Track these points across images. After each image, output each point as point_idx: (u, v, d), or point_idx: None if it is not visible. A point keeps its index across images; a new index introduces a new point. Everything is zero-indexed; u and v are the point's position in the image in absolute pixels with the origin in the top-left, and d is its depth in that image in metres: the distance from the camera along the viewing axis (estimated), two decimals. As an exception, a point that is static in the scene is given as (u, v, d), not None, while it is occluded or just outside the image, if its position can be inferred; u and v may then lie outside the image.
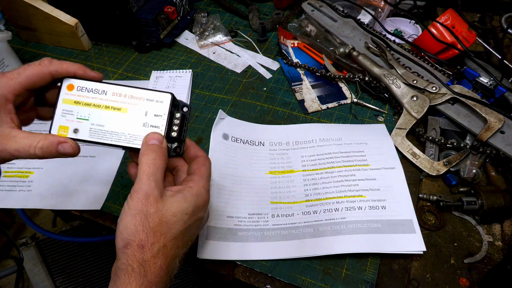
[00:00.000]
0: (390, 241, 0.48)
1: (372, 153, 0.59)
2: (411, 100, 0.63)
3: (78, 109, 0.37)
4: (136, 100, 0.38)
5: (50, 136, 0.36)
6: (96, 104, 0.37)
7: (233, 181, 0.56)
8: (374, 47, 0.72)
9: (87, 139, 0.37)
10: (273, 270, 0.48)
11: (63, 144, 0.36)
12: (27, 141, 0.34)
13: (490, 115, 0.57)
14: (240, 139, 0.61)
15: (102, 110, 0.37)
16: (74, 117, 0.37)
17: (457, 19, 0.70)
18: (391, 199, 0.53)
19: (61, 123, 0.37)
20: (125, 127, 0.37)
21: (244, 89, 0.73)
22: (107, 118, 0.37)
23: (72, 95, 0.38)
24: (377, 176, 0.56)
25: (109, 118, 0.37)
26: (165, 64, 0.80)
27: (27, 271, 1.00)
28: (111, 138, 0.37)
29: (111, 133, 0.37)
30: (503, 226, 0.51)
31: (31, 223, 0.95)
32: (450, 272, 0.47)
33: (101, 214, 0.56)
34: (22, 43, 0.88)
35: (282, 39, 0.80)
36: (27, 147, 0.34)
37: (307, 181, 0.56)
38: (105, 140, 0.37)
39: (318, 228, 0.50)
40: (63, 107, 0.37)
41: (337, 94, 0.70)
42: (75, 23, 0.79)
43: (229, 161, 0.58)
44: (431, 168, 0.56)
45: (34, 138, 0.35)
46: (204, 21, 0.84)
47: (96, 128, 0.37)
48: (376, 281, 0.46)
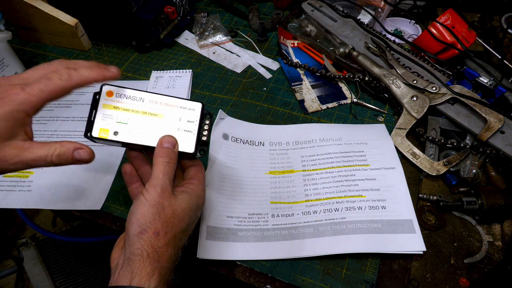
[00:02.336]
0: (390, 241, 0.48)
1: (372, 153, 0.59)
2: (411, 100, 0.63)
3: (117, 113, 0.40)
4: (171, 107, 0.42)
5: (66, 143, 0.37)
6: (135, 109, 0.41)
7: (233, 181, 0.56)
8: (374, 47, 0.72)
9: (127, 142, 0.40)
10: (273, 270, 0.48)
11: (79, 150, 0.37)
12: (44, 151, 0.36)
13: (490, 115, 0.57)
14: (240, 139, 0.61)
15: (140, 115, 0.41)
16: (113, 120, 0.40)
17: (457, 19, 0.70)
18: (391, 199, 0.53)
19: (102, 125, 0.40)
20: (161, 131, 0.41)
21: (244, 89, 0.73)
22: (145, 123, 0.41)
23: (112, 101, 0.41)
24: (377, 176, 0.56)
25: (147, 122, 0.41)
26: (165, 64, 0.80)
27: (27, 271, 1.00)
28: (149, 140, 0.40)
29: (149, 136, 0.40)
30: (503, 226, 0.51)
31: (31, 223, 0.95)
32: (450, 272, 0.47)
33: (101, 214, 0.56)
34: (22, 43, 0.88)
35: (282, 39, 0.80)
36: (44, 156, 0.35)
37: (307, 181, 0.56)
38: (144, 142, 0.40)
39: (318, 228, 0.50)
40: (103, 112, 0.40)
41: (337, 94, 0.70)
42: (75, 23, 0.79)
43: (229, 161, 0.58)
44: (431, 168, 0.56)
45: (50, 147, 0.36)
46: (204, 21, 0.84)
47: (135, 131, 0.40)
48: (376, 281, 0.46)
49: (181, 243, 0.40)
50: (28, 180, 0.59)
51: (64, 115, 0.70)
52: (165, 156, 0.40)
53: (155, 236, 0.37)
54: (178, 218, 0.39)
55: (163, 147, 0.40)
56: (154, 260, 0.36)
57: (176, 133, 0.41)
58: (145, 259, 0.35)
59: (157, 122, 0.41)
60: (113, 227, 0.54)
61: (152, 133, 0.41)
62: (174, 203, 0.39)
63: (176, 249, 0.39)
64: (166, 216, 0.38)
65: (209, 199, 0.52)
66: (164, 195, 0.38)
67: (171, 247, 0.38)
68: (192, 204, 0.41)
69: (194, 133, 0.42)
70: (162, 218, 0.38)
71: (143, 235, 0.36)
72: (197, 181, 0.44)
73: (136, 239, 0.36)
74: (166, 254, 0.37)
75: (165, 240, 0.37)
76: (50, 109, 0.71)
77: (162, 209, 0.38)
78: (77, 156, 0.37)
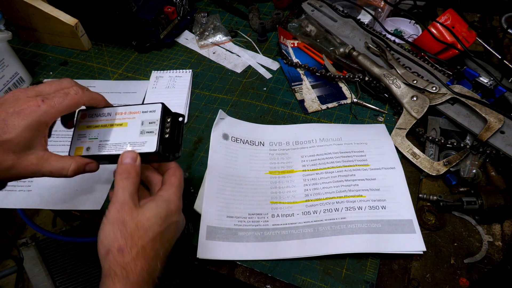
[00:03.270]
0: (390, 241, 0.48)
1: (372, 153, 0.59)
2: (411, 100, 0.63)
3: (89, 132, 0.44)
4: (134, 114, 0.44)
5: (78, 159, 0.42)
6: (103, 124, 0.44)
7: (233, 181, 0.56)
8: (374, 47, 0.72)
9: (96, 154, 0.43)
10: (273, 270, 0.48)
11: (90, 165, 0.42)
12: (60, 164, 0.39)
13: (490, 115, 0.57)
14: (240, 139, 0.61)
15: (107, 128, 0.44)
16: (86, 138, 0.44)
17: (457, 19, 0.70)
18: (391, 199, 0.53)
19: (77, 145, 0.44)
20: (126, 138, 0.43)
21: (244, 89, 0.73)
22: (111, 134, 0.43)
23: (85, 122, 0.45)
24: (377, 176, 0.56)
25: (113, 133, 0.43)
26: (165, 64, 0.80)
27: (27, 271, 1.00)
28: (114, 148, 0.43)
29: (115, 145, 0.43)
30: (503, 226, 0.51)
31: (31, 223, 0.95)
32: (450, 272, 0.47)
33: (101, 214, 0.55)
34: (22, 43, 0.88)
35: (282, 39, 0.80)
36: (60, 170, 0.39)
37: (307, 181, 0.56)
38: (110, 151, 0.43)
39: (318, 228, 0.50)
40: (78, 132, 0.45)
41: (337, 94, 0.70)
42: (75, 23, 0.79)
43: (229, 161, 0.58)
44: (431, 168, 0.56)
45: (66, 162, 0.40)
46: (204, 21, 0.84)
47: (103, 143, 0.43)
48: (376, 281, 0.46)
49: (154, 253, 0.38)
50: (28, 180, 0.59)
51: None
52: (122, 172, 0.39)
53: (119, 253, 0.36)
54: (143, 229, 0.37)
55: (122, 164, 0.40)
56: (123, 277, 0.35)
57: (140, 137, 0.42)
58: (113, 278, 0.35)
59: (122, 131, 0.43)
60: (113, 227, 0.54)
61: (118, 141, 0.43)
62: (137, 215, 0.38)
63: (148, 261, 0.37)
64: (128, 230, 0.37)
65: (209, 199, 0.52)
66: (124, 210, 0.37)
67: (141, 260, 0.36)
68: (159, 210, 0.39)
69: (156, 132, 0.42)
70: (124, 233, 0.36)
71: (108, 255, 0.36)
72: (167, 186, 0.42)
73: (104, 261, 0.36)
74: (136, 269, 0.36)
75: (132, 255, 0.36)
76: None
77: (123, 225, 0.37)
78: (88, 169, 0.42)
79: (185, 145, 0.63)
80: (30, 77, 0.78)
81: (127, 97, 0.72)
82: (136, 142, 0.42)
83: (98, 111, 0.45)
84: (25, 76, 0.76)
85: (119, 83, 0.76)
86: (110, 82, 0.76)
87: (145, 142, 0.42)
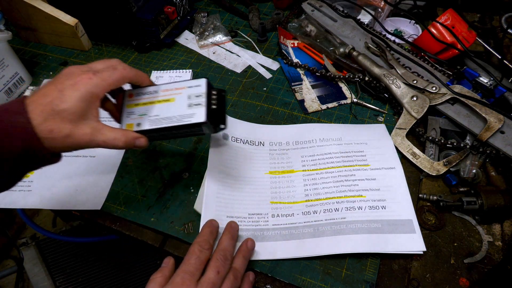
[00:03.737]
0: (390, 241, 0.48)
1: (372, 153, 0.59)
2: (411, 100, 0.63)
3: (138, 109, 0.47)
4: (180, 89, 0.46)
5: (129, 132, 0.43)
6: (150, 101, 0.47)
7: (233, 181, 0.56)
8: (374, 47, 0.72)
9: (148, 128, 0.45)
10: (273, 270, 0.48)
11: (140, 139, 0.44)
12: (113, 135, 0.41)
13: (490, 115, 0.57)
14: (240, 139, 0.61)
15: (155, 104, 0.46)
16: (136, 115, 0.46)
17: (457, 19, 0.70)
18: (391, 199, 0.53)
19: (127, 122, 0.46)
20: (175, 111, 0.45)
21: (244, 89, 0.73)
22: (160, 109, 0.46)
23: (133, 100, 0.47)
24: (377, 176, 0.56)
25: (162, 108, 0.46)
26: (165, 64, 0.80)
27: (27, 271, 1.00)
28: (166, 122, 0.45)
29: (165, 118, 0.45)
30: (503, 226, 0.51)
31: (31, 223, 0.95)
32: (450, 272, 0.47)
33: (101, 214, 0.56)
34: (22, 43, 0.88)
35: (282, 39, 0.80)
36: (112, 140, 0.41)
37: (307, 181, 0.56)
38: (161, 125, 0.45)
39: (318, 228, 0.50)
40: (127, 110, 0.47)
41: (337, 94, 0.70)
42: (75, 23, 0.79)
43: (229, 161, 0.58)
44: (431, 168, 0.56)
45: (117, 133, 0.42)
46: (204, 21, 0.84)
47: (153, 118, 0.45)
48: (376, 281, 0.46)
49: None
50: (28, 180, 0.59)
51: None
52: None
53: None
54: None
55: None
56: None
57: (188, 110, 0.45)
58: None
59: (170, 105, 0.46)
60: (113, 227, 0.54)
61: (168, 115, 0.45)
62: None
63: None
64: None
65: (209, 199, 0.52)
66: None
67: None
68: None
69: (203, 104, 0.44)
70: None
71: None
72: None
73: None
74: None
75: None
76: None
77: None
78: (138, 143, 0.43)
79: (185, 145, 0.63)
80: (30, 77, 0.78)
81: (127, 97, 0.72)
82: (185, 114, 0.44)
83: (143, 89, 0.47)
84: (25, 76, 0.76)
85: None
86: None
87: (193, 114, 0.44)
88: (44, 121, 0.37)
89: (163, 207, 0.55)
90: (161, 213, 0.54)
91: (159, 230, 0.53)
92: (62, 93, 0.38)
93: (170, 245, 0.52)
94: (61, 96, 0.38)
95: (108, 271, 1.07)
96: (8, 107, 0.38)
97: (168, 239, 0.53)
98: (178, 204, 0.55)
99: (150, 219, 0.54)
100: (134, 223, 0.54)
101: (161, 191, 0.57)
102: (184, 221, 0.53)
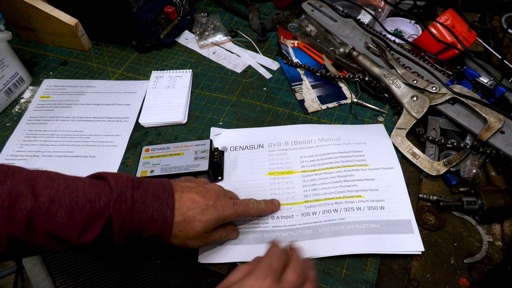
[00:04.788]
0: (388, 242, 0.48)
1: (371, 153, 0.59)
2: (411, 100, 0.63)
3: (152, 160, 0.57)
4: (189, 147, 0.57)
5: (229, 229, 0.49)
6: (163, 154, 0.57)
7: (233, 183, 0.56)
8: (374, 47, 0.72)
9: (160, 174, 0.54)
10: (273, 270, 0.48)
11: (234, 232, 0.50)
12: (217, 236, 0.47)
13: (490, 115, 0.57)
14: (239, 147, 0.61)
15: (167, 157, 0.57)
16: (150, 164, 0.56)
17: (457, 19, 0.70)
18: (389, 200, 0.53)
19: (142, 169, 0.56)
20: (183, 162, 0.55)
21: (244, 89, 0.73)
22: (171, 160, 0.56)
23: (148, 153, 0.58)
24: (375, 176, 0.55)
25: (173, 160, 0.56)
26: (165, 64, 0.80)
27: (27, 271, 1.00)
28: (175, 170, 0.55)
29: (175, 167, 0.55)
30: (503, 226, 0.51)
31: (31, 223, 0.94)
32: (450, 272, 0.47)
33: (101, 214, 0.55)
34: (22, 43, 0.88)
35: (282, 39, 0.80)
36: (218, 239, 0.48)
37: (306, 182, 0.56)
38: (171, 172, 0.54)
39: (317, 229, 0.50)
40: (143, 161, 0.57)
41: (337, 94, 0.70)
42: (75, 23, 0.79)
43: (229, 167, 0.58)
44: (431, 168, 0.56)
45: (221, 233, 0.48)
46: (204, 21, 0.84)
47: (165, 167, 0.55)
48: (376, 281, 0.46)
49: None
50: (28, 180, 0.58)
51: (64, 115, 0.70)
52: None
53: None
54: None
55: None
56: None
57: (194, 161, 0.55)
58: None
59: (179, 158, 0.56)
60: (113, 227, 0.54)
61: (178, 165, 0.55)
62: None
63: None
64: None
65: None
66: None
67: None
68: None
69: (207, 157, 0.55)
70: None
71: None
72: None
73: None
74: None
75: None
76: (50, 109, 0.71)
77: None
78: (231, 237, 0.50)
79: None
80: (30, 77, 0.78)
81: (127, 97, 0.72)
82: (191, 164, 0.55)
83: (158, 146, 0.58)
84: (25, 76, 0.76)
85: (119, 83, 0.76)
86: (110, 82, 0.76)
87: (198, 164, 0.55)
88: (181, 222, 0.42)
89: (163, 207, 0.55)
90: (161, 213, 0.54)
91: (159, 230, 0.53)
92: (206, 210, 0.44)
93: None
94: (205, 211, 0.43)
95: (108, 271, 1.07)
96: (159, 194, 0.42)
97: (168, 239, 0.53)
98: (178, 204, 0.55)
99: (150, 219, 0.54)
100: (134, 223, 0.54)
101: (161, 191, 0.57)
102: (184, 221, 0.53)
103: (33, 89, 0.77)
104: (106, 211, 0.38)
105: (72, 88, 0.75)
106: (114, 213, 0.38)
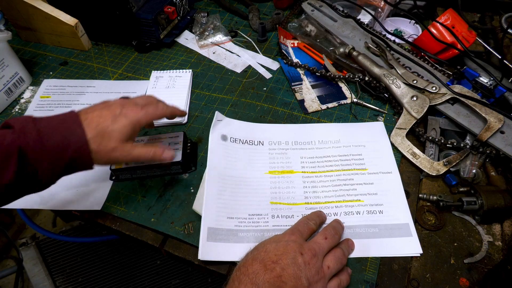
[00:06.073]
0: (387, 245, 0.49)
1: (370, 156, 0.59)
2: (411, 100, 0.63)
3: None
4: (163, 139, 0.59)
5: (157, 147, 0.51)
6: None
7: (233, 182, 0.56)
8: (374, 47, 0.72)
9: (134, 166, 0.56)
10: (273, 270, 0.48)
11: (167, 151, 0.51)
12: (144, 150, 0.49)
13: (490, 115, 0.57)
14: (239, 139, 0.61)
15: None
16: None
17: (457, 19, 0.70)
18: (388, 204, 0.53)
19: None
20: None
21: (244, 89, 0.73)
22: None
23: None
24: (374, 181, 0.56)
25: None
26: (165, 64, 0.80)
27: (27, 271, 1.00)
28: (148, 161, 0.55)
29: None
30: (503, 226, 0.51)
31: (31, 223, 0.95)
32: (450, 272, 0.47)
33: (101, 214, 0.56)
34: (22, 43, 0.88)
35: (282, 39, 0.80)
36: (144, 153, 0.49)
37: (307, 183, 0.56)
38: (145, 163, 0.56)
39: (317, 232, 0.50)
40: None
41: (337, 94, 0.70)
42: (75, 23, 0.79)
43: (229, 162, 0.58)
44: (431, 168, 0.56)
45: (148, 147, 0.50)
46: (204, 21, 0.84)
47: None
48: (376, 281, 0.46)
49: None
50: (28, 180, 0.58)
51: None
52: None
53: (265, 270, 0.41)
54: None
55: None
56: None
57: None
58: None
59: None
60: (113, 227, 0.54)
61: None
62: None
63: None
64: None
65: (209, 200, 0.52)
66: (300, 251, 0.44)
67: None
68: None
69: (180, 149, 0.57)
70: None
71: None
72: None
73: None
74: None
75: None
76: (50, 109, 0.71)
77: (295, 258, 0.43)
78: (164, 156, 0.51)
79: (185, 145, 0.63)
80: (30, 77, 0.78)
81: (127, 97, 0.72)
82: None
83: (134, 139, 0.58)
84: (25, 76, 0.76)
85: (119, 83, 0.76)
86: (110, 82, 0.76)
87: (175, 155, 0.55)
88: (95, 136, 0.44)
89: (163, 207, 0.55)
90: (161, 213, 0.54)
91: (159, 230, 0.53)
92: (115, 119, 0.46)
93: (170, 245, 0.52)
94: (114, 120, 0.45)
95: (108, 271, 1.07)
96: (64, 118, 0.44)
97: (168, 239, 0.53)
98: (178, 204, 0.55)
99: (150, 219, 0.54)
100: (134, 223, 0.54)
101: (161, 191, 0.57)
102: (184, 221, 0.53)
103: (33, 89, 0.77)
104: (13, 144, 0.40)
105: (72, 88, 0.75)
106: (22, 143, 0.40)
